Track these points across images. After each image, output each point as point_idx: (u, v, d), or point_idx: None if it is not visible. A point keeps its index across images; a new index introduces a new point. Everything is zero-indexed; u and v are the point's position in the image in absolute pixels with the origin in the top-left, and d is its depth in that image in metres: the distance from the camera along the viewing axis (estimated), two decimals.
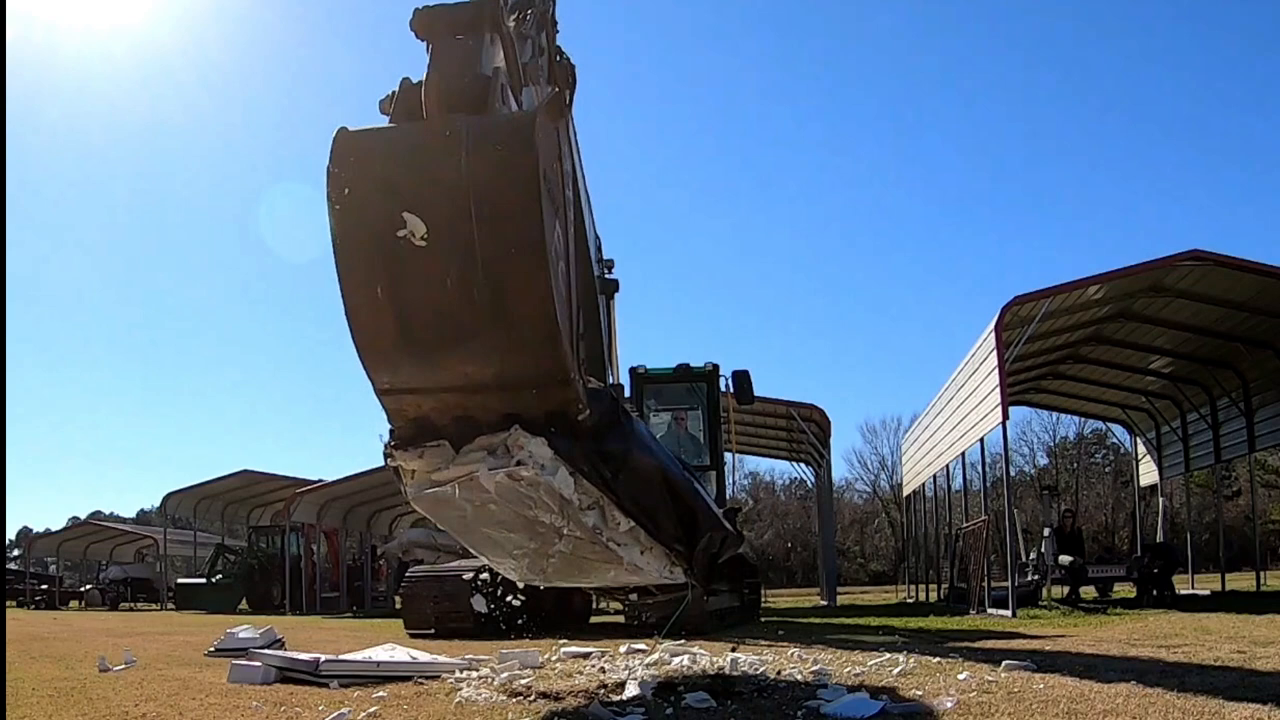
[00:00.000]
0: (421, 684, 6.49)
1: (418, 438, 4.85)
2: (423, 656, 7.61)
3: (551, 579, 5.97)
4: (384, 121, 4.48)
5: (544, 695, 5.79)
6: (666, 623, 10.50)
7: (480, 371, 4.49)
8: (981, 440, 16.67)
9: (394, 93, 4.49)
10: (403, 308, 4.28)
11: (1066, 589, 16.44)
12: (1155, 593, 16.24)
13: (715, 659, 7.34)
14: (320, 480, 29.67)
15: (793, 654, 7.88)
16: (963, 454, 18.77)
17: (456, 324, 4.32)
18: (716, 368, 13.74)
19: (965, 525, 18.60)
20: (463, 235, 4.10)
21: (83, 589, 38.52)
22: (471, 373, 4.49)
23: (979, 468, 22.30)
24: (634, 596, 11.35)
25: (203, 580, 30.61)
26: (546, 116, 4.39)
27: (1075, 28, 74.93)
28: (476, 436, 4.77)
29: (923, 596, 23.72)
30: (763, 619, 15.28)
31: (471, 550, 5.90)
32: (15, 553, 42.45)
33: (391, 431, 4.90)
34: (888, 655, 7.36)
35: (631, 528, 5.35)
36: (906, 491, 28.88)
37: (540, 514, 5.08)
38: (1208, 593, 19.81)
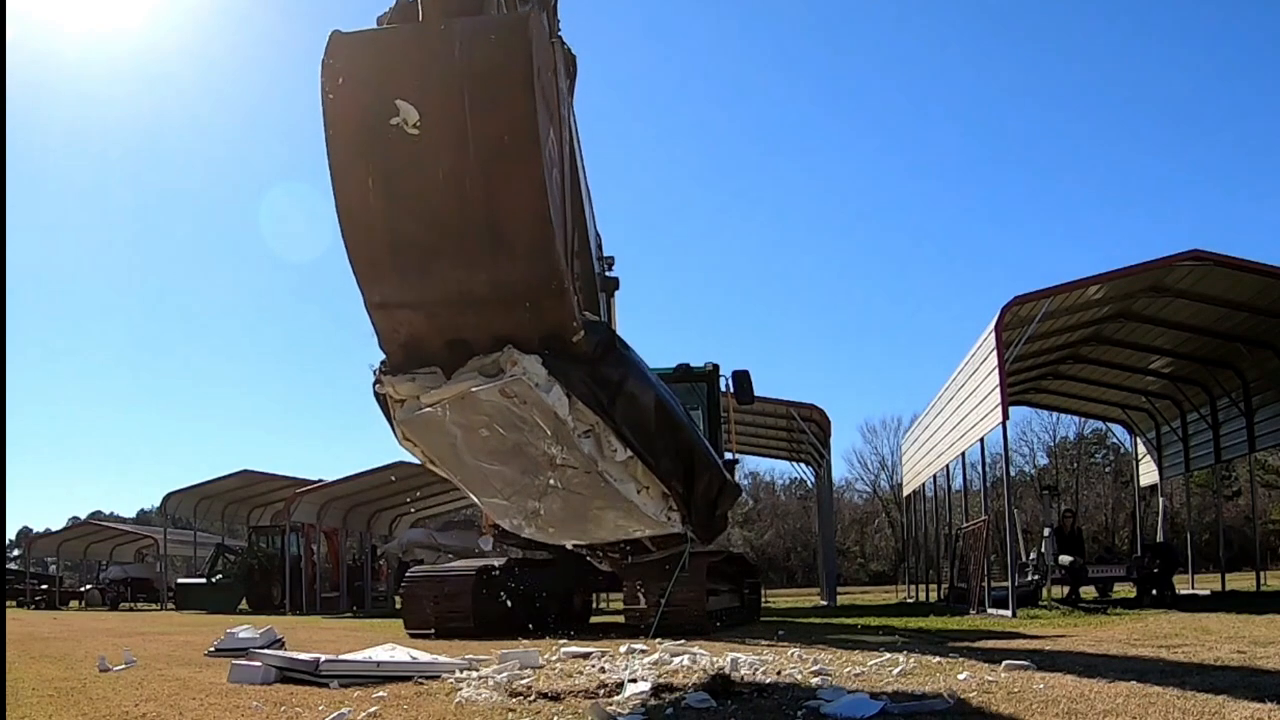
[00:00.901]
0: (421, 684, 6.49)
1: (409, 364, 4.74)
2: (423, 656, 7.60)
3: (543, 526, 5.77)
4: None
5: (544, 695, 5.78)
6: (666, 624, 10.50)
7: (472, 278, 4.37)
8: (981, 440, 16.67)
9: (391, 8, 4.50)
10: (394, 203, 4.21)
11: (1066, 589, 16.43)
12: (1155, 593, 16.25)
13: (715, 659, 7.33)
14: (320, 480, 29.66)
15: (793, 654, 7.87)
16: (963, 454, 18.76)
17: (448, 220, 4.23)
18: (716, 368, 13.73)
19: (965, 525, 18.60)
20: (455, 123, 4.06)
21: (83, 589, 38.49)
22: (463, 279, 4.38)
23: (979, 468, 22.29)
24: (638, 588, 11.39)
25: (203, 580, 30.58)
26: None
27: (1076, 28, 74.98)
28: (469, 360, 4.68)
29: (923, 596, 23.72)
30: (763, 619, 15.28)
31: (461, 487, 5.72)
32: (15, 553, 42.40)
33: (383, 362, 4.81)
34: (888, 655, 7.35)
35: (628, 459, 5.21)
36: (906, 491, 28.88)
37: (533, 439, 4.91)
38: (1208, 593, 19.82)
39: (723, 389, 13.68)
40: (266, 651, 7.83)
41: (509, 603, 12.31)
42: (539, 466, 5.14)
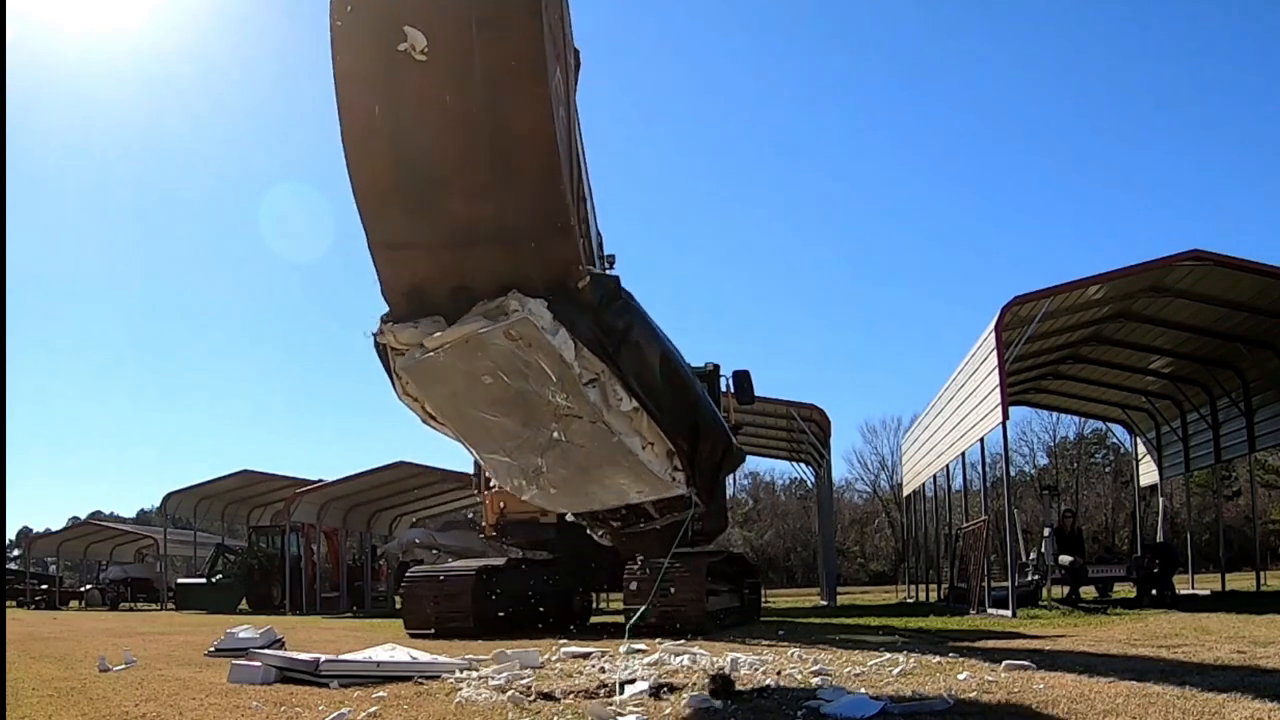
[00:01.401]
0: (421, 684, 6.49)
1: (412, 312, 4.70)
2: (423, 656, 7.61)
3: (546, 487, 5.65)
4: None
5: (544, 695, 5.78)
6: (670, 623, 10.50)
7: (477, 212, 4.34)
8: (981, 440, 16.67)
9: None
10: (400, 132, 4.20)
11: (1066, 589, 16.44)
12: (1155, 593, 16.26)
13: (715, 659, 7.34)
14: (320, 480, 29.66)
15: (793, 654, 7.88)
16: (963, 454, 18.77)
17: (454, 148, 4.21)
18: (717, 368, 13.73)
19: (965, 525, 18.60)
20: (463, 48, 4.05)
21: (83, 589, 38.48)
22: (469, 213, 4.34)
23: (979, 468, 22.30)
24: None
25: (203, 580, 30.58)
26: None
27: (1077, 28, 75.00)
28: (473, 307, 4.63)
29: (923, 596, 23.72)
30: (763, 619, 15.29)
31: (463, 442, 5.60)
32: (15, 553, 42.39)
33: (385, 314, 4.78)
34: (888, 655, 7.36)
35: (633, 410, 5.11)
36: (906, 491, 28.87)
37: (537, 386, 4.82)
38: (1208, 593, 19.81)
39: (723, 389, 13.69)
40: (266, 651, 7.84)
41: (506, 609, 12.30)
42: (542, 418, 5.05)
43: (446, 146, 4.22)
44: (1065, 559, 16.37)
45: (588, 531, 7.61)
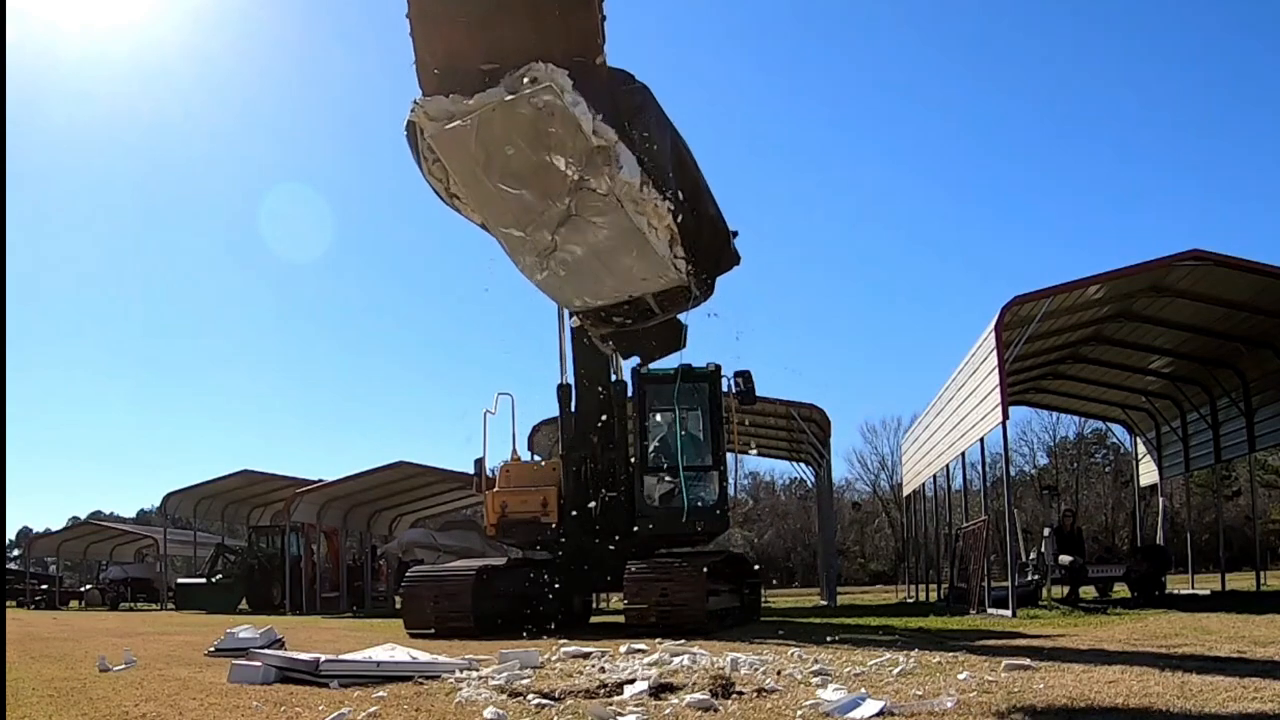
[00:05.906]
0: (421, 684, 6.48)
1: (443, 90, 5.07)
2: (423, 656, 7.60)
3: (555, 269, 5.94)
4: None
5: (544, 695, 5.77)
6: (668, 625, 10.49)
7: None
8: (981, 440, 16.66)
9: None
10: None
11: (1066, 589, 16.45)
12: (1156, 593, 16.30)
13: (715, 659, 7.33)
14: (320, 480, 29.64)
15: (793, 654, 7.87)
16: (963, 454, 18.76)
17: None
18: (718, 368, 13.73)
19: (965, 525, 18.60)
20: None
21: (83, 589, 38.49)
22: None
23: (979, 468, 22.30)
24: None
25: (203, 580, 30.57)
26: None
27: (1078, 27, 75.00)
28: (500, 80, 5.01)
29: (923, 596, 23.73)
30: (763, 619, 15.28)
31: (481, 219, 5.88)
32: (15, 553, 42.37)
33: (415, 99, 5.15)
34: (888, 655, 7.35)
35: (642, 187, 5.45)
36: (906, 491, 28.87)
37: (556, 155, 5.15)
38: (1208, 593, 19.81)
39: (725, 389, 13.69)
40: (266, 651, 7.82)
41: (506, 609, 12.24)
42: (558, 190, 5.39)
43: None
44: (1065, 559, 16.39)
45: (589, 338, 7.92)
